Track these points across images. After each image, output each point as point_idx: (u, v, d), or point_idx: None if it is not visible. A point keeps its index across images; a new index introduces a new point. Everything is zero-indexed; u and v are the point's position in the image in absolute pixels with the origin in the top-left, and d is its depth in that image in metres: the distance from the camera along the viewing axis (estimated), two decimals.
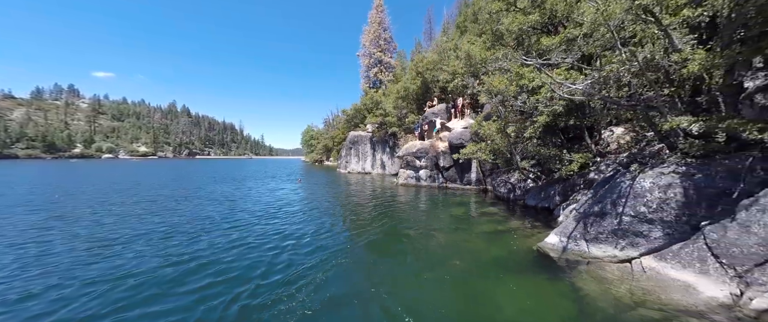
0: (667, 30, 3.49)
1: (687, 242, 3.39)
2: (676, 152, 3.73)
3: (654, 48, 3.71)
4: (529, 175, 9.09)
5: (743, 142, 3.17)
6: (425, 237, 5.90)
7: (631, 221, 3.83)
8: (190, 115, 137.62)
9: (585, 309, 3.19)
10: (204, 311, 3.13)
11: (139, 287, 3.66)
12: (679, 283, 3.26)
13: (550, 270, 4.17)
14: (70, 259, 4.58)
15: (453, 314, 3.12)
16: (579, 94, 4.02)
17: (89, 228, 6.41)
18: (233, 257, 4.69)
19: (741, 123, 2.95)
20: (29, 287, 3.63)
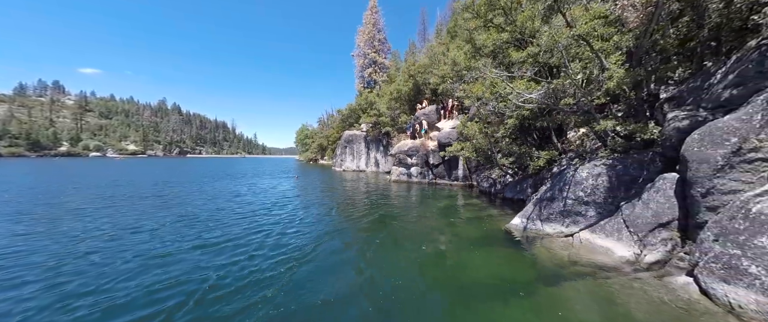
0: (597, 53, 4.49)
1: (610, 218, 4.42)
2: (606, 149, 4.77)
3: (591, 66, 4.73)
4: (507, 171, 10.15)
5: (649, 140, 4.20)
6: (414, 222, 6.85)
7: (573, 204, 4.85)
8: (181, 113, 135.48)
9: (536, 269, 4.16)
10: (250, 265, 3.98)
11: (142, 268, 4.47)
12: (603, 248, 4.29)
13: (513, 244, 5.16)
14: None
15: (435, 277, 4.03)
16: (534, 102, 5.01)
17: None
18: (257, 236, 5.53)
19: (642, 127, 3.97)
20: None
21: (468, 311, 3.08)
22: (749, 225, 2.70)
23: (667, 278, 3.44)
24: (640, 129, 4.05)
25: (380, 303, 3.21)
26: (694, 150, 3.30)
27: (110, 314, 2.98)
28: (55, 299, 3.23)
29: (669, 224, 3.65)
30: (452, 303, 3.24)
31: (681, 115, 3.76)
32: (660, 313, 2.94)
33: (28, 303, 3.14)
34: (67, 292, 3.38)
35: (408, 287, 3.62)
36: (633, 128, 4.04)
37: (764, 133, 2.91)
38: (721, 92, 3.50)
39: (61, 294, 3.34)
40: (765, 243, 2.57)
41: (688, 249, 3.43)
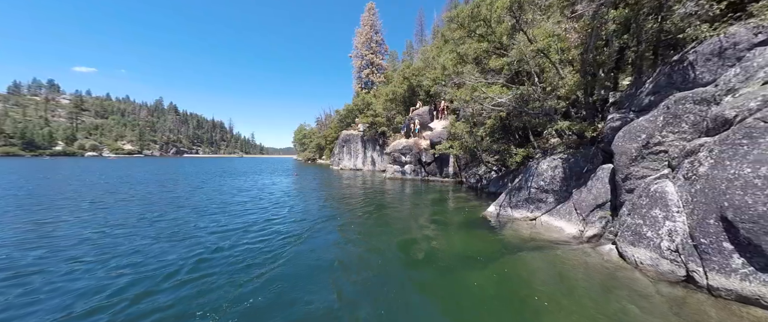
0: (555, 64, 5.35)
1: (565, 203, 5.28)
2: (563, 145, 5.63)
3: (551, 75, 5.59)
4: (492, 167, 11.02)
5: (593, 137, 5.06)
6: (405, 212, 7.67)
7: (536, 192, 5.70)
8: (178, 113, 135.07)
9: (504, 246, 4.97)
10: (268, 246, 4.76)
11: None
12: (557, 227, 5.14)
13: (488, 227, 5.99)
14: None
15: (421, 253, 4.80)
16: (504, 106, 5.86)
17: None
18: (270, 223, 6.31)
19: (588, 126, 4.83)
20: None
21: (448, 278, 3.85)
22: (648, 201, 3.55)
23: (599, 247, 4.30)
24: (586, 128, 4.90)
25: (371, 273, 3.99)
26: (618, 144, 4.16)
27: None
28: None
29: (604, 205, 4.50)
30: (434, 272, 3.99)
31: (616, 117, 4.62)
32: (590, 272, 3.78)
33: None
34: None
35: (397, 260, 4.41)
36: (580, 127, 4.90)
37: (665, 131, 3.77)
38: (644, 99, 4.37)
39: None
40: (657, 214, 3.42)
41: (614, 223, 4.28)
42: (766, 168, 2.59)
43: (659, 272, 3.28)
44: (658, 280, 3.29)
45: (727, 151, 2.97)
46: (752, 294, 2.59)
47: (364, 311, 2.93)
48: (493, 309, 2.97)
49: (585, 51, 4.78)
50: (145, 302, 3.01)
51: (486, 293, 3.31)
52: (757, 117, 2.87)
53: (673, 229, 3.24)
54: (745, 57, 3.59)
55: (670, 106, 3.76)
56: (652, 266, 3.36)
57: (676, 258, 3.16)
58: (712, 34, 3.91)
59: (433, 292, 3.38)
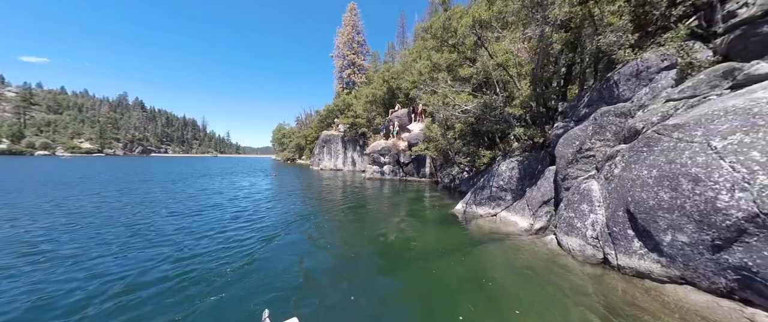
0: (513, 77, 6.01)
1: (520, 200, 5.96)
2: (519, 148, 6.34)
3: (510, 86, 6.26)
4: (464, 168, 11.76)
5: (542, 142, 5.78)
6: (383, 211, 8.09)
7: (496, 191, 6.36)
8: (145, 109, 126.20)
9: (468, 238, 5.55)
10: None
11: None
12: (513, 222, 5.80)
13: (456, 222, 6.56)
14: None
15: (395, 244, 5.23)
16: (470, 113, 6.47)
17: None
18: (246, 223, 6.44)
19: (537, 133, 5.54)
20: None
21: (417, 266, 4.28)
22: (579, 197, 4.24)
23: (544, 238, 4.97)
24: (536, 134, 5.61)
25: (345, 263, 4.37)
26: (559, 149, 4.86)
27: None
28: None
29: (549, 201, 5.20)
30: (405, 262, 4.41)
31: (560, 125, 5.35)
32: (535, 258, 4.40)
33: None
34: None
35: (371, 253, 4.81)
36: (532, 133, 5.59)
37: (594, 139, 4.49)
38: (581, 110, 5.12)
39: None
40: (584, 208, 4.11)
41: (555, 216, 4.98)
42: (656, 170, 3.29)
43: (585, 256, 3.95)
44: (584, 263, 3.96)
45: (633, 156, 3.68)
46: (645, 270, 3.28)
47: (336, 295, 3.31)
48: (454, 290, 3.46)
49: (536, 67, 5.48)
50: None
51: (450, 278, 3.80)
52: (654, 129, 3.59)
53: (595, 220, 3.92)
54: (654, 79, 4.39)
55: (597, 118, 4.49)
56: (580, 252, 4.03)
57: (597, 244, 3.84)
58: (633, 58, 4.71)
59: (403, 278, 3.82)
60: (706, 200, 2.75)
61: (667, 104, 3.98)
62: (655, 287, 3.20)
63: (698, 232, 2.80)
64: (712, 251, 2.73)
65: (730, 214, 2.58)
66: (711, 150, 2.91)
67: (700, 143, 3.03)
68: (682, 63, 4.02)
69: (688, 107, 3.70)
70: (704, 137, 3.03)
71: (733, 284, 2.65)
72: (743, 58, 3.88)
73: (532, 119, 6.53)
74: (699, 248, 2.82)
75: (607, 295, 3.23)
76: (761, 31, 3.79)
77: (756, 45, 3.82)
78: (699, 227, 2.79)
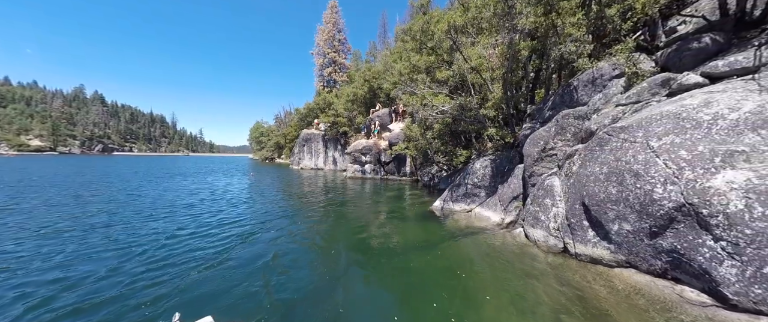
0: (486, 80, 6.34)
1: (492, 196, 6.33)
2: (492, 148, 6.73)
3: (484, 89, 6.60)
4: (442, 167, 12.16)
5: (512, 142, 6.19)
6: (364, 208, 8.19)
7: (471, 188, 6.70)
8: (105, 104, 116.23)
9: (445, 232, 5.79)
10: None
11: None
12: (486, 217, 6.15)
13: (434, 219, 6.82)
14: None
15: (376, 240, 5.34)
16: (446, 114, 6.75)
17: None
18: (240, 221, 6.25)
19: (507, 133, 5.92)
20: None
21: (397, 259, 4.41)
22: (543, 192, 4.62)
23: (513, 231, 5.34)
24: (506, 135, 6.00)
25: (326, 258, 4.44)
26: (527, 149, 5.25)
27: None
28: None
29: (518, 197, 5.59)
30: (386, 255, 4.55)
31: (527, 126, 5.77)
32: (504, 249, 4.72)
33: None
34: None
35: (352, 247, 4.90)
36: (502, 134, 5.97)
37: (556, 139, 4.91)
38: (546, 113, 5.55)
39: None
40: (548, 202, 4.49)
41: (523, 211, 5.38)
42: (606, 167, 3.69)
43: (548, 246, 4.32)
44: (548, 252, 4.33)
45: (588, 155, 4.09)
46: (598, 256, 3.68)
47: (315, 288, 3.39)
48: (430, 281, 3.66)
49: (506, 71, 5.85)
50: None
51: (427, 270, 3.99)
52: (605, 131, 4.02)
53: (557, 213, 4.31)
54: (607, 85, 4.88)
55: (559, 120, 4.91)
56: (544, 242, 4.40)
57: (558, 235, 4.22)
58: (589, 66, 5.19)
59: (381, 271, 3.97)
60: (645, 192, 3.15)
61: (616, 108, 4.45)
62: (605, 272, 3.59)
63: (639, 221, 3.20)
64: (650, 237, 3.13)
65: (663, 204, 2.98)
66: (649, 149, 3.33)
67: (641, 143, 3.45)
68: (629, 72, 4.51)
69: (633, 111, 4.17)
70: (644, 138, 3.45)
71: (666, 265, 3.07)
72: (678, 69, 4.44)
73: (504, 120, 6.95)
74: (640, 235, 3.22)
75: (565, 280, 3.57)
76: (692, 46, 4.36)
77: (688, 58, 4.38)
78: (639, 217, 3.19)
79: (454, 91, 7.80)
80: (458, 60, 6.52)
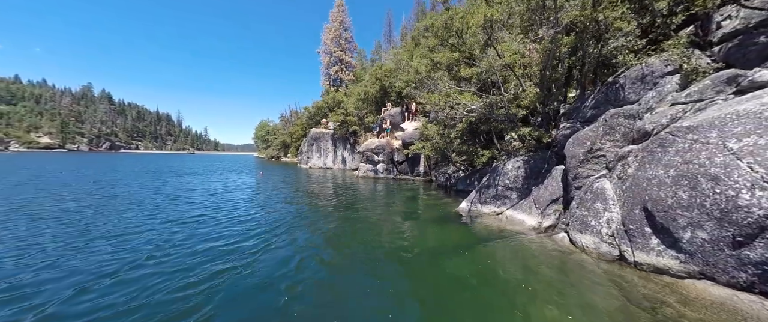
0: (518, 77, 6.08)
1: (526, 199, 6.07)
2: (524, 148, 6.46)
3: (515, 87, 6.33)
4: (460, 167, 11.89)
5: (548, 142, 5.92)
6: (383, 210, 7.96)
7: (502, 190, 6.44)
8: (112, 102, 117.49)
9: (475, 234, 5.56)
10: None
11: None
12: (520, 220, 5.89)
13: (460, 221, 6.57)
14: None
15: (398, 244, 5.14)
16: (475, 113, 6.49)
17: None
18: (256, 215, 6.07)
19: (544, 133, 5.65)
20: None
21: (428, 264, 4.23)
22: (592, 196, 4.35)
23: (554, 235, 5.08)
24: (543, 135, 5.73)
25: (350, 261, 4.22)
26: (569, 149, 4.98)
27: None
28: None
29: (557, 200, 5.33)
30: (415, 260, 4.36)
31: (566, 126, 5.49)
32: (547, 255, 4.47)
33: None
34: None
35: (377, 251, 4.68)
36: (538, 134, 5.70)
37: (604, 139, 4.63)
38: (587, 112, 5.27)
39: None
40: (598, 207, 4.22)
41: (565, 215, 5.11)
42: (673, 170, 3.42)
43: (600, 253, 4.06)
44: (599, 260, 4.07)
45: (647, 156, 3.82)
46: (663, 266, 3.41)
47: (343, 292, 3.18)
48: (465, 286, 3.43)
49: (543, 68, 5.58)
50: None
51: (460, 275, 3.76)
52: (667, 131, 3.74)
53: (610, 218, 4.04)
54: (659, 83, 4.59)
55: (607, 120, 4.64)
56: (594, 249, 4.14)
57: (612, 241, 3.96)
58: (636, 62, 4.90)
59: (414, 276, 3.76)
60: (727, 198, 2.88)
61: (674, 107, 4.16)
62: (673, 282, 3.33)
63: (719, 229, 2.93)
64: (733, 247, 2.86)
65: (752, 212, 2.71)
66: (727, 151, 3.05)
67: (715, 145, 3.18)
68: (687, 68, 4.22)
69: (696, 110, 3.89)
70: (720, 139, 3.18)
71: (753, 278, 2.80)
72: (742, 65, 4.14)
73: (535, 119, 6.67)
74: (719, 245, 2.95)
75: (629, 290, 3.32)
76: (758, 41, 4.06)
77: (753, 53, 4.08)
78: (719, 224, 2.93)
79: (481, 89, 7.53)
80: (490, 56, 6.25)
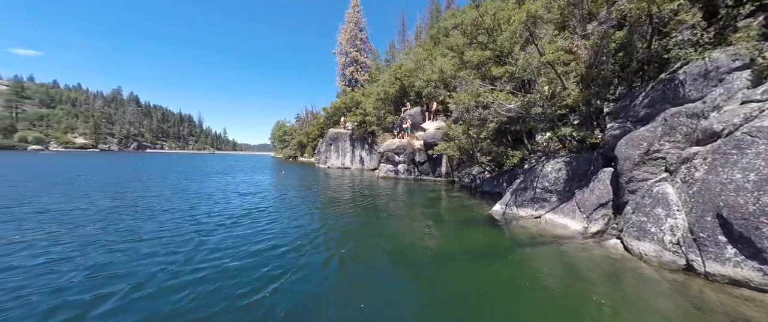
0: (559, 75, 5.83)
1: (568, 202, 5.81)
2: (565, 149, 6.18)
3: (554, 85, 6.08)
4: (486, 167, 11.61)
5: (594, 143, 5.63)
6: (409, 209, 7.90)
7: (541, 192, 6.20)
8: (139, 104, 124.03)
9: (512, 239, 5.39)
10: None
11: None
12: (562, 224, 5.65)
13: (495, 224, 6.39)
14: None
15: (427, 247, 5.01)
16: (512, 112, 6.28)
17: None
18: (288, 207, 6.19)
19: (590, 134, 5.37)
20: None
21: (467, 267, 4.12)
22: (652, 201, 4.09)
23: (603, 242, 4.83)
24: (589, 135, 5.45)
25: (391, 263, 4.16)
26: (622, 151, 4.70)
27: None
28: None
29: (606, 204, 5.05)
30: (453, 263, 4.24)
31: (615, 126, 5.20)
32: (597, 261, 4.25)
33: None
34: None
35: (414, 253, 4.60)
36: (584, 135, 5.43)
37: (663, 141, 4.34)
38: (640, 111, 4.96)
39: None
40: (659, 212, 3.96)
41: (617, 221, 4.84)
42: (754, 174, 3.14)
43: (662, 262, 3.80)
44: (660, 268, 3.82)
45: (720, 159, 3.53)
46: (743, 278, 3.14)
47: (381, 295, 3.19)
48: (511, 292, 3.32)
49: (590, 66, 5.31)
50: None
51: (510, 280, 3.63)
52: (743, 131, 3.44)
53: (675, 225, 3.77)
54: (726, 79, 4.24)
55: (667, 119, 4.34)
56: (655, 257, 3.88)
57: (678, 250, 3.70)
58: (697, 57, 4.56)
59: (457, 278, 3.68)
60: None
61: (746, 105, 3.83)
62: (756, 296, 3.05)
63: None
64: None
65: None
66: None
67: None
68: (763, 64, 3.87)
69: None
70: None
71: None
72: None
73: (575, 119, 6.38)
74: None
75: (699, 300, 3.09)
76: None
77: None
78: None
79: (514, 88, 7.29)
80: (529, 53, 6.03)
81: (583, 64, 5.28)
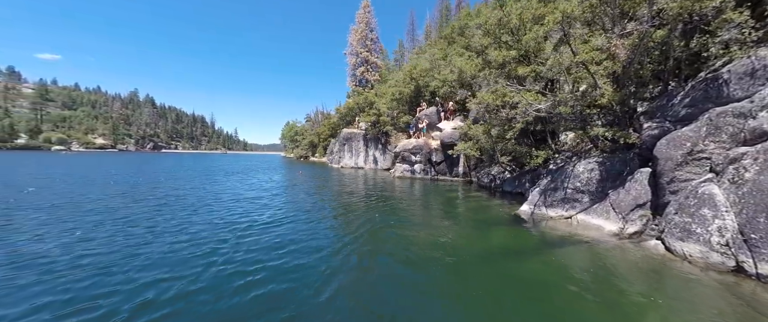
0: (593, 75, 5.80)
1: (601, 202, 5.77)
2: (597, 149, 6.13)
3: (585, 83, 6.05)
4: (506, 167, 11.56)
5: (630, 143, 5.58)
6: (431, 209, 7.97)
7: (572, 192, 6.18)
8: (155, 106, 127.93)
9: (543, 240, 5.40)
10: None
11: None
12: (595, 225, 5.62)
13: (523, 225, 6.40)
14: None
15: (461, 246, 5.05)
16: (542, 112, 6.28)
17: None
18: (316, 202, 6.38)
19: (626, 134, 5.34)
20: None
21: (490, 267, 4.08)
22: (696, 201, 4.05)
23: (642, 243, 4.79)
24: (624, 135, 5.41)
25: (421, 264, 4.20)
26: (662, 151, 4.66)
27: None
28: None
29: (644, 205, 5.01)
30: (472, 262, 4.23)
31: (653, 126, 5.15)
32: (637, 262, 4.23)
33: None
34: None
35: (445, 253, 4.61)
36: (620, 135, 5.40)
37: (707, 141, 4.29)
38: (680, 110, 4.90)
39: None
40: (706, 213, 3.92)
41: (657, 221, 4.80)
42: None
43: (709, 263, 3.77)
44: (707, 269, 3.79)
45: None
46: None
47: (416, 294, 3.27)
48: (550, 293, 3.34)
49: (627, 65, 5.27)
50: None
51: (547, 281, 3.65)
52: None
53: (723, 226, 3.74)
54: None
55: (712, 119, 4.29)
56: (701, 258, 3.85)
57: (727, 251, 3.66)
58: (742, 55, 4.48)
59: (490, 278, 3.74)
60: None
61: None
62: None
63: None
64: None
65: None
66: None
67: None
68: None
69: None
70: None
71: None
72: None
73: (607, 119, 6.32)
74: None
75: (753, 302, 3.08)
76: None
77: None
78: None
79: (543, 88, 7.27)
80: (561, 53, 6.01)
81: (619, 64, 5.23)
